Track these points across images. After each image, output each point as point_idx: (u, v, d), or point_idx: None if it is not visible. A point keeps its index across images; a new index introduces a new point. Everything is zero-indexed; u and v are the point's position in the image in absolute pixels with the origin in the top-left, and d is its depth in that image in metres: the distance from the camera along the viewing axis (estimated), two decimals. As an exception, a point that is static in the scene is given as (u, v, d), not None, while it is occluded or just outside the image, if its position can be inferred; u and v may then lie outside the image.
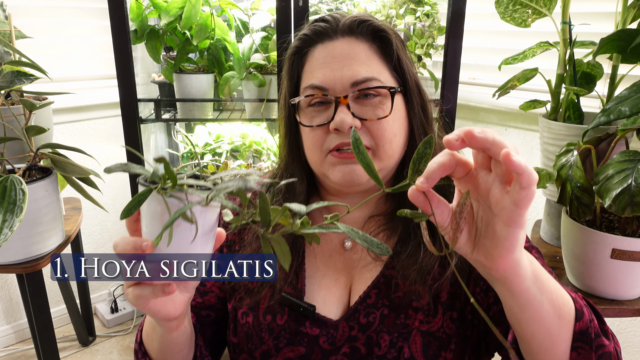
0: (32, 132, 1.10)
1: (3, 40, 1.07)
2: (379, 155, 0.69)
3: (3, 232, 0.93)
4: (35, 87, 1.23)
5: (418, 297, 0.68)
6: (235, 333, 0.75)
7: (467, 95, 1.86)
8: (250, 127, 1.82)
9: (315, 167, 0.73)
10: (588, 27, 1.19)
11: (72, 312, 1.85)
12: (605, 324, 0.59)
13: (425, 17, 1.57)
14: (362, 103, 0.69)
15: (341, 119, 0.66)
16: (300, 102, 0.72)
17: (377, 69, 0.70)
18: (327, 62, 0.70)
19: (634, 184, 0.81)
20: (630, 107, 0.86)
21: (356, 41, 0.70)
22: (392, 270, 0.71)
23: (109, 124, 2.08)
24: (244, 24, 1.57)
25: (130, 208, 0.44)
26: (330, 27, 0.71)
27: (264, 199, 0.43)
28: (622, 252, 0.88)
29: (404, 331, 0.68)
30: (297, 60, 0.74)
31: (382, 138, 0.68)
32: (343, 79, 0.68)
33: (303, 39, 0.73)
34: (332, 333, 0.70)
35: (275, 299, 0.72)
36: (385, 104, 0.69)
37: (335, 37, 0.71)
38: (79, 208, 1.52)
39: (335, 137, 0.68)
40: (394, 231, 0.73)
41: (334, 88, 0.68)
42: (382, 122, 0.68)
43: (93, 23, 1.97)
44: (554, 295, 0.52)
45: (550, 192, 1.16)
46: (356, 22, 0.71)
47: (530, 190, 0.40)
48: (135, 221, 0.51)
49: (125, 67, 1.39)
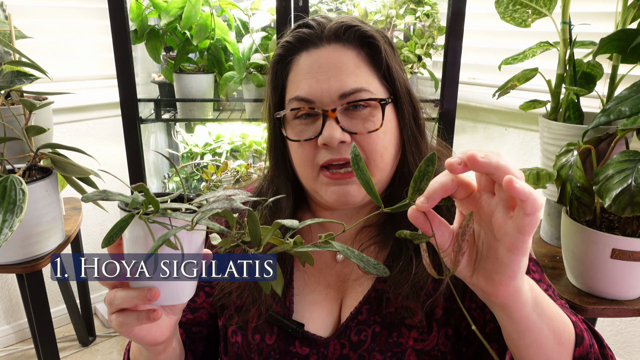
0: (32, 132, 1.10)
1: (3, 40, 1.07)
2: (371, 170, 0.66)
3: (3, 232, 0.93)
4: (35, 87, 1.23)
5: (411, 314, 0.65)
6: (226, 352, 0.74)
7: (467, 95, 1.86)
8: (250, 127, 1.82)
9: (307, 183, 0.70)
10: (588, 27, 1.19)
11: (72, 312, 1.85)
12: (606, 348, 0.57)
13: (425, 17, 1.57)
14: (351, 115, 0.65)
15: (330, 134, 0.63)
16: (286, 115, 0.68)
17: (365, 78, 0.66)
18: (312, 72, 0.65)
19: (634, 184, 0.81)
20: (630, 107, 0.85)
21: (343, 48, 0.66)
22: (384, 284, 0.68)
23: (109, 124, 2.08)
24: (244, 24, 1.57)
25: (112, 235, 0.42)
26: (314, 34, 0.67)
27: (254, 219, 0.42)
28: (622, 252, 0.88)
29: (397, 350, 0.65)
30: (281, 69, 0.70)
31: (374, 152, 0.65)
32: (330, 90, 0.64)
33: (286, 46, 0.69)
34: (322, 351, 0.67)
35: (263, 318, 0.69)
36: (376, 115, 0.65)
37: (321, 44, 0.67)
38: (79, 208, 1.52)
39: (325, 153, 0.65)
40: (385, 244, 0.70)
41: (321, 100, 0.65)
42: (372, 135, 0.65)
43: (93, 23, 1.97)
44: (554, 321, 0.51)
45: (550, 192, 1.16)
46: (342, 28, 0.66)
47: (535, 217, 0.39)
48: (117, 246, 0.50)
49: (125, 67, 1.39)
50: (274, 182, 0.75)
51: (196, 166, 1.77)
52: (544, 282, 0.67)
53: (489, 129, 1.87)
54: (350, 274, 0.72)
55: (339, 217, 0.74)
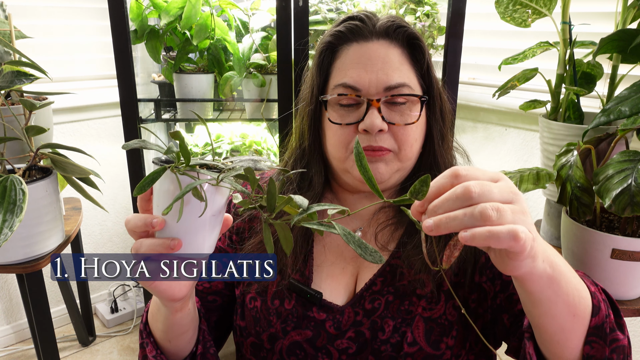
0: (32, 132, 1.10)
1: (3, 40, 1.07)
2: (400, 158, 0.72)
3: (3, 232, 0.93)
4: (35, 87, 1.23)
5: (422, 285, 0.70)
6: (242, 317, 0.77)
7: (467, 95, 1.86)
8: (250, 127, 1.82)
9: (338, 163, 0.75)
10: (588, 27, 1.19)
11: (72, 312, 1.85)
12: (622, 317, 0.60)
13: (425, 17, 1.57)
14: (391, 108, 0.71)
15: (372, 121, 0.68)
16: (329, 99, 0.73)
17: (408, 75, 0.71)
18: (361, 63, 0.71)
19: (634, 184, 0.81)
20: (630, 107, 0.85)
21: (390, 45, 0.71)
22: (398, 259, 0.73)
23: (109, 124, 2.08)
24: (244, 24, 1.57)
25: (144, 185, 0.45)
26: (366, 27, 0.73)
27: (273, 185, 0.45)
28: (622, 252, 0.88)
29: (407, 317, 0.70)
30: (329, 56, 0.75)
31: (405, 142, 0.71)
32: (378, 82, 0.69)
33: (337, 35, 0.74)
34: (338, 318, 0.71)
35: (283, 285, 0.74)
36: (414, 110, 0.71)
37: (371, 38, 0.72)
38: (79, 208, 1.52)
39: (363, 138, 0.70)
40: (401, 223, 0.76)
41: (368, 90, 0.70)
42: (407, 127, 0.70)
43: (93, 23, 1.97)
44: (570, 295, 0.52)
45: (550, 192, 1.16)
46: (393, 27, 0.72)
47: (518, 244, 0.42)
48: (147, 201, 0.53)
49: (125, 67, 1.39)
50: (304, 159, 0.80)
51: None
52: None
53: (489, 129, 1.87)
54: None
55: (358, 198, 0.80)
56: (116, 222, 2.16)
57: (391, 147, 0.71)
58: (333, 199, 0.81)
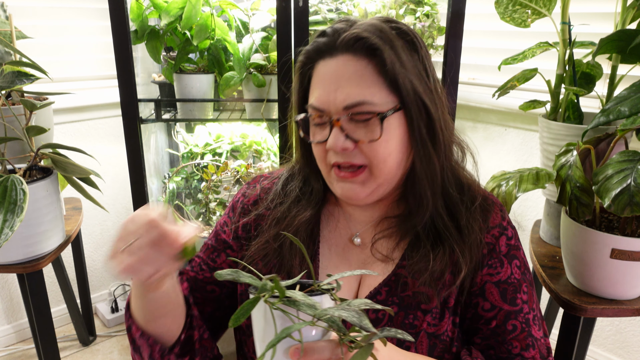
0: (33, 132, 1.10)
1: (4, 40, 1.07)
2: (375, 174, 0.70)
3: (4, 232, 0.94)
4: (35, 87, 1.23)
5: (427, 300, 0.71)
6: None
7: (467, 95, 1.86)
8: (250, 127, 1.82)
9: (324, 176, 0.76)
10: (588, 27, 1.19)
11: (73, 312, 1.85)
12: None
13: (425, 17, 1.57)
14: (357, 125, 0.68)
15: (334, 141, 0.68)
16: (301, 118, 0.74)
17: (370, 90, 0.67)
18: (325, 82, 0.69)
19: (633, 184, 0.81)
20: (630, 107, 0.86)
21: (353, 59, 0.68)
22: (403, 269, 0.73)
23: (109, 124, 2.08)
24: (244, 24, 1.57)
25: (239, 317, 0.46)
26: (329, 43, 0.70)
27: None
28: (621, 252, 0.88)
29: (412, 332, 0.70)
30: (304, 75, 0.74)
31: (376, 158, 0.69)
32: (336, 102, 0.68)
33: (306, 55, 0.73)
34: None
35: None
36: (378, 125, 0.68)
37: (335, 54, 0.69)
38: (79, 208, 1.52)
39: (333, 156, 0.70)
40: (405, 235, 0.75)
41: (329, 110, 0.69)
42: (374, 144, 0.68)
43: (93, 23, 1.97)
44: None
45: (550, 192, 1.16)
46: (353, 39, 0.68)
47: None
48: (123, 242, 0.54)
49: (125, 67, 1.39)
50: (303, 171, 0.81)
51: (196, 166, 1.77)
52: (529, 306, 0.73)
53: (489, 129, 1.87)
54: (367, 257, 0.77)
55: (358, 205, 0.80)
56: (116, 222, 2.16)
57: (363, 162, 0.69)
58: (335, 205, 0.81)
